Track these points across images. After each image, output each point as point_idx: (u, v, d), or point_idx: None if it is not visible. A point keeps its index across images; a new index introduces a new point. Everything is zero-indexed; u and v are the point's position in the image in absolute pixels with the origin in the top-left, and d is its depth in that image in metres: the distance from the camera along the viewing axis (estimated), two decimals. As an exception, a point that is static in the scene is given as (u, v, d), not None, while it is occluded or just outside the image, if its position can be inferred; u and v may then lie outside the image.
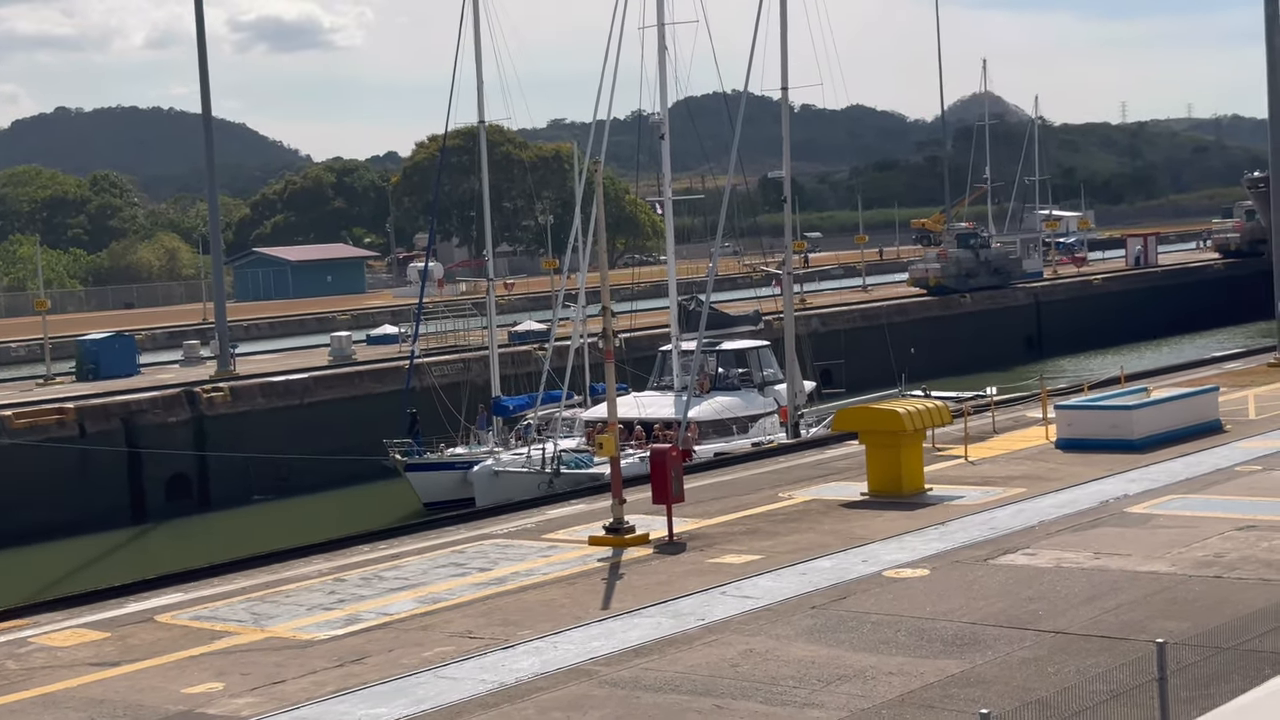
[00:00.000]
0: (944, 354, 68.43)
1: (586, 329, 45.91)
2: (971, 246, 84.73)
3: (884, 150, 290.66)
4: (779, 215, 48.60)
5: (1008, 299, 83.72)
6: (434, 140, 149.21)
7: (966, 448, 30.70)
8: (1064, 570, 20.09)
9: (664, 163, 45.32)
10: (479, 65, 47.11)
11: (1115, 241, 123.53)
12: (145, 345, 75.18)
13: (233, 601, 21.04)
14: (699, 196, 55.98)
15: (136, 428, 47.62)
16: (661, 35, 43.55)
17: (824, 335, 63.37)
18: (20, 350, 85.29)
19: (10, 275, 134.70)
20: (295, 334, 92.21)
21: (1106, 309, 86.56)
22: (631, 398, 43.62)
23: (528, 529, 25.70)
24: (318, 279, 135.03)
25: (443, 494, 41.89)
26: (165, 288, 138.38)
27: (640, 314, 54.58)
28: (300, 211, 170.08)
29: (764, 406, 44.45)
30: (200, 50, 56.80)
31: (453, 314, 66.02)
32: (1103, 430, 30.57)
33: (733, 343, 46.99)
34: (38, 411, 46.31)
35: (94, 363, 56.90)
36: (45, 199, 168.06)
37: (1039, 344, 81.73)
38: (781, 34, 43.66)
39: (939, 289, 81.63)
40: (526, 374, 50.01)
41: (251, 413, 50.65)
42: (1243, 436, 31.18)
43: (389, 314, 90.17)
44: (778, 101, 44.97)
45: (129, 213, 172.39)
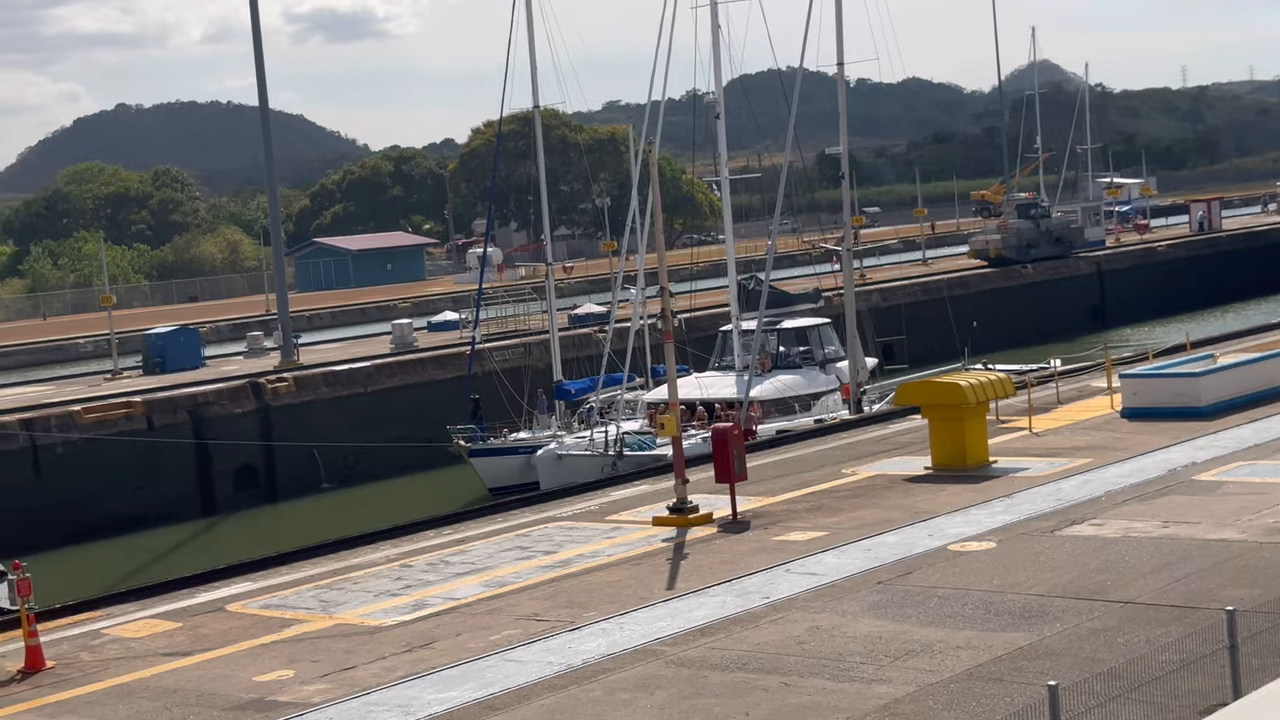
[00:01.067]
0: (1006, 326, 67.95)
1: (646, 310, 45.92)
2: (1032, 217, 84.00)
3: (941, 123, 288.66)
4: (836, 191, 48.44)
5: (1070, 269, 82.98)
6: (490, 126, 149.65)
7: (1030, 419, 30.50)
8: (1132, 540, 19.94)
9: (720, 142, 45.19)
10: (532, 50, 47.16)
11: (1178, 207, 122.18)
12: (209, 338, 75.95)
13: (301, 589, 21.24)
14: (756, 175, 55.78)
15: (203, 420, 48.09)
16: (714, 14, 43.44)
17: (884, 310, 63.14)
18: (88, 346, 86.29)
19: (76, 272, 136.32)
20: (357, 323, 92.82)
21: (1171, 276, 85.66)
22: (693, 378, 43.58)
23: (592, 511, 25.77)
24: (378, 267, 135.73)
25: (507, 479, 42.06)
26: (228, 280, 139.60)
27: (700, 294, 54.52)
28: (359, 201, 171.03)
29: (826, 384, 44.31)
30: (256, 43, 57.14)
31: (513, 299, 66.24)
32: (1169, 398, 30.28)
33: (793, 321, 46.83)
34: (106, 406, 46.85)
35: (160, 356, 57.46)
36: (108, 195, 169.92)
37: (1102, 313, 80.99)
38: (836, 9, 43.41)
39: (1000, 260, 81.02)
40: (587, 357, 50.10)
41: (316, 402, 51.02)
42: (1312, 401, 30.78)
43: (449, 301, 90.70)
44: (832, 77, 44.73)
45: (191, 207, 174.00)
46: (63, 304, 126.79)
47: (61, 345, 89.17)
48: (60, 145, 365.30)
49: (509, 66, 47.05)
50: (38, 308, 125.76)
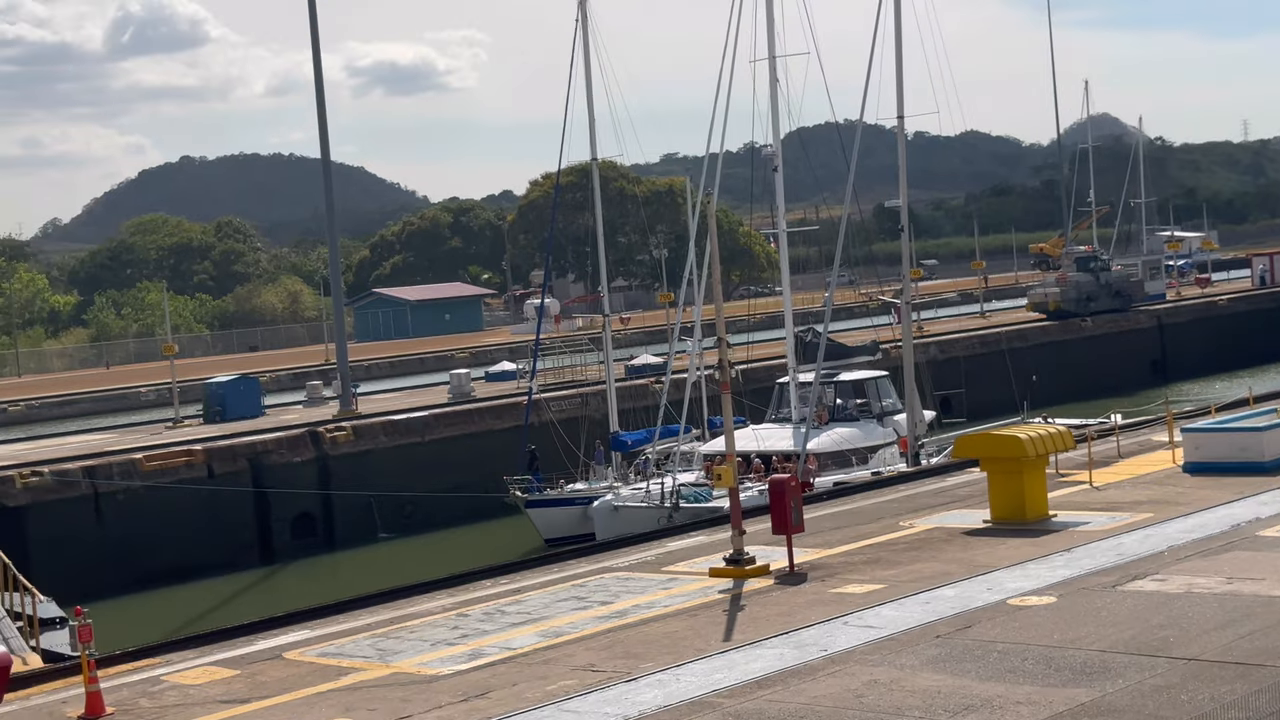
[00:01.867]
0: (1065, 380, 67.47)
1: (703, 361, 45.91)
2: (1091, 270, 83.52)
3: (999, 176, 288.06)
4: (894, 244, 48.32)
5: (1130, 322, 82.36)
6: (548, 178, 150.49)
7: (1091, 473, 30.22)
8: (1195, 596, 19.69)
9: (778, 194, 45.26)
10: (590, 103, 47.47)
11: (1240, 261, 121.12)
12: (269, 387, 76.53)
13: (358, 638, 21.27)
14: (813, 228, 55.80)
15: (263, 468, 48.40)
16: (773, 68, 43.57)
17: (942, 363, 62.84)
18: (149, 394, 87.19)
19: (139, 321, 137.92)
20: (415, 372, 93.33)
21: (1233, 330, 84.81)
22: (750, 430, 43.49)
23: (648, 561, 25.71)
24: (436, 318, 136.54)
25: (563, 530, 42.06)
26: (288, 330, 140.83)
27: (757, 345, 54.46)
28: (418, 252, 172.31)
29: (883, 437, 44.09)
30: (319, 97, 57.85)
31: (570, 349, 66.44)
32: (1232, 453, 29.92)
33: (850, 373, 46.68)
34: (167, 454, 47.25)
35: (220, 405, 57.95)
36: (171, 246, 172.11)
37: (1163, 367, 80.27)
38: (897, 62, 43.50)
39: (1059, 313, 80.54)
40: (644, 408, 50.11)
41: (374, 451, 51.26)
42: (1378, 457, 30.32)
43: (507, 351, 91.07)
44: (890, 130, 44.75)
45: (252, 257, 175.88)
46: (125, 353, 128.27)
47: (124, 394, 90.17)
48: (125, 197, 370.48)
49: (567, 119, 47.45)
50: (101, 356, 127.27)
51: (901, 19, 43.58)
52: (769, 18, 43.31)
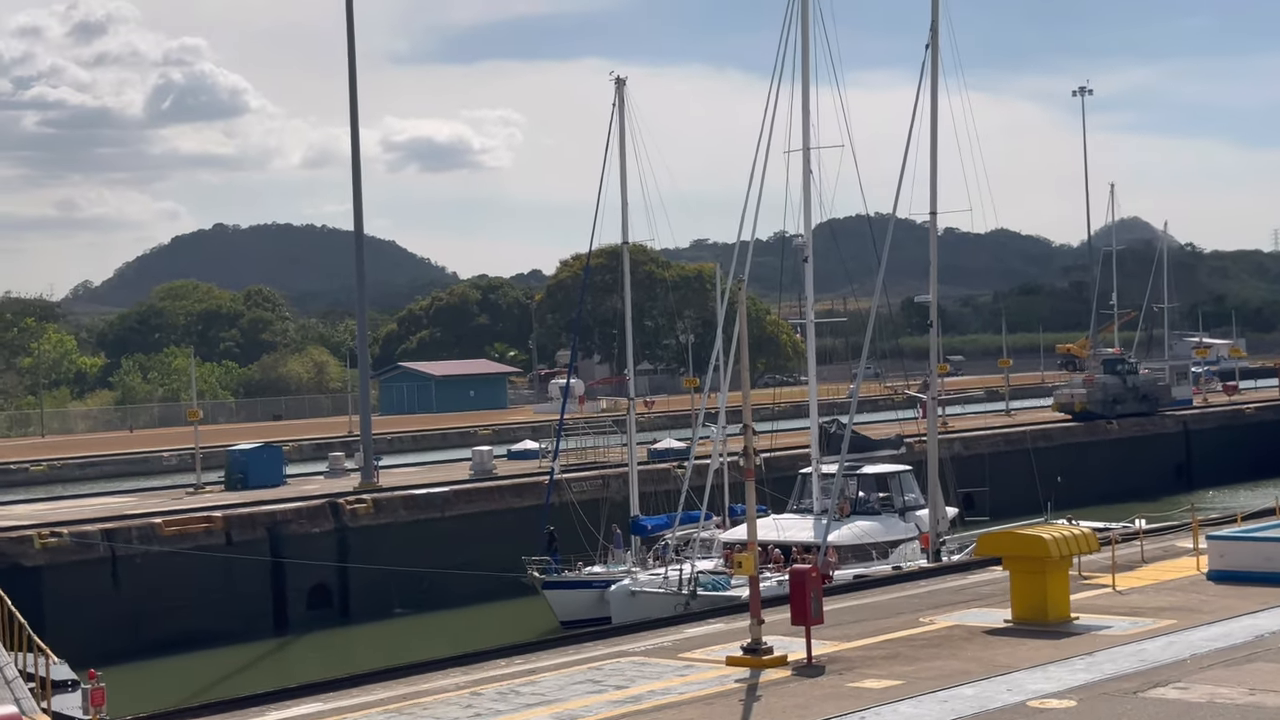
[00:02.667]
0: (1089, 482, 67.08)
1: (726, 448, 45.80)
2: (1118, 372, 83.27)
3: (1028, 275, 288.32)
4: (921, 338, 48.33)
5: (1155, 426, 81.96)
6: (577, 259, 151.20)
7: (1114, 576, 29.97)
8: (1218, 706, 19.45)
9: (807, 285, 45.31)
10: (624, 186, 47.76)
11: (1268, 370, 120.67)
12: (292, 456, 76.58)
13: (371, 712, 21.13)
14: (841, 320, 55.80)
15: (281, 537, 48.34)
16: (807, 159, 43.77)
17: (966, 459, 62.53)
18: (172, 459, 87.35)
19: (165, 386, 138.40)
20: (437, 447, 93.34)
21: (1260, 439, 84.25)
22: (771, 520, 43.28)
23: (664, 647, 25.53)
24: (460, 394, 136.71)
25: (579, 612, 41.83)
26: (313, 400, 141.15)
27: (780, 434, 54.31)
28: (445, 327, 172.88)
29: (905, 532, 43.83)
30: (355, 172, 58.33)
31: (593, 431, 66.37)
32: (1257, 562, 29.66)
33: (874, 466, 46.49)
34: (187, 519, 47.25)
35: (242, 472, 58.03)
36: (200, 312, 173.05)
37: (1188, 473, 79.74)
38: (932, 159, 43.67)
39: (1084, 414, 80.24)
40: (665, 492, 49.94)
41: (393, 525, 51.18)
42: (1405, 573, 30.00)
43: (529, 430, 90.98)
44: (921, 225, 44.88)
45: (280, 327, 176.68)
46: (149, 417, 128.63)
47: (146, 457, 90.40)
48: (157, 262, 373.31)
49: (600, 201, 47.72)
50: (125, 419, 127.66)
51: (937, 116, 43.85)
52: (805, 110, 43.62)
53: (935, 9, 43.82)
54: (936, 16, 43.75)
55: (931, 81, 43.81)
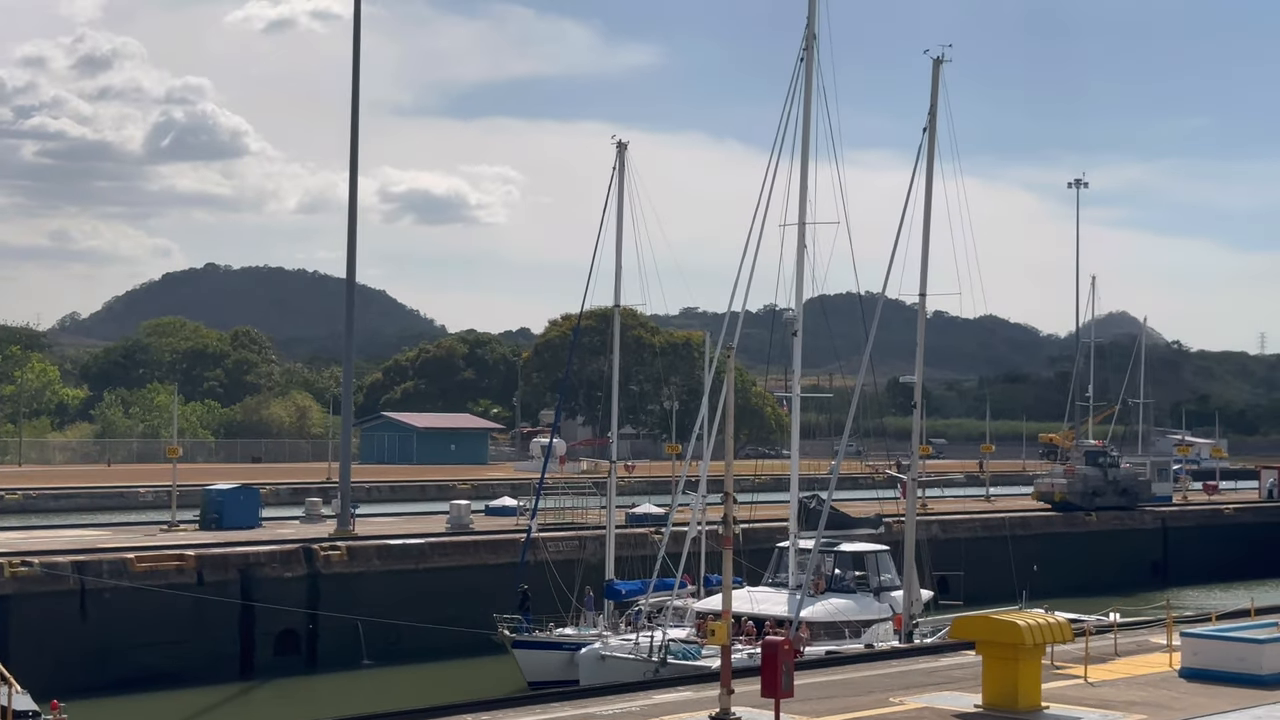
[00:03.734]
0: (1066, 572, 67.00)
1: (705, 517, 45.71)
2: (1100, 465, 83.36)
3: (1014, 362, 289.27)
4: (905, 419, 48.38)
5: (1134, 521, 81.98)
6: (567, 319, 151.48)
7: (1086, 668, 29.90)
8: (1184, 804, 19.35)
9: (795, 359, 45.39)
10: (619, 250, 47.92)
11: (1248, 472, 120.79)
12: (269, 499, 76.24)
13: (333, 761, 20.95)
14: (827, 395, 55.87)
15: (253, 580, 48.05)
16: (802, 234, 43.94)
17: (944, 542, 62.45)
18: (148, 495, 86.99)
19: (146, 422, 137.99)
20: (416, 499, 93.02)
21: (1237, 539, 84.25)
22: (745, 591, 43.13)
23: (632, 712, 25.39)
24: (442, 447, 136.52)
25: (547, 674, 41.59)
26: (293, 444, 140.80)
27: (760, 506, 54.26)
28: (431, 379, 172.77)
29: (879, 612, 43.67)
30: (350, 219, 58.45)
31: (573, 491, 66.23)
32: (1230, 662, 29.60)
33: (851, 545, 46.37)
34: (159, 556, 46.98)
35: (218, 513, 57.76)
36: (186, 350, 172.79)
37: (1164, 570, 79.68)
38: (924, 243, 43.93)
39: (1064, 505, 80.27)
40: (641, 557, 49.80)
41: (366, 574, 50.92)
42: (1377, 682, 29.95)
43: (509, 487, 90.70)
44: (911, 305, 45.09)
45: (265, 369, 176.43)
46: (128, 452, 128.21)
47: (123, 492, 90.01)
48: (146, 298, 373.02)
49: (595, 263, 47.84)
50: (104, 453, 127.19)
51: (931, 199, 44.16)
52: (803, 186, 43.84)
53: (934, 94, 44.25)
54: (935, 101, 44.18)
55: (927, 165, 44.19)
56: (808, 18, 43.87)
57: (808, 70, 43.70)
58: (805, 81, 43.82)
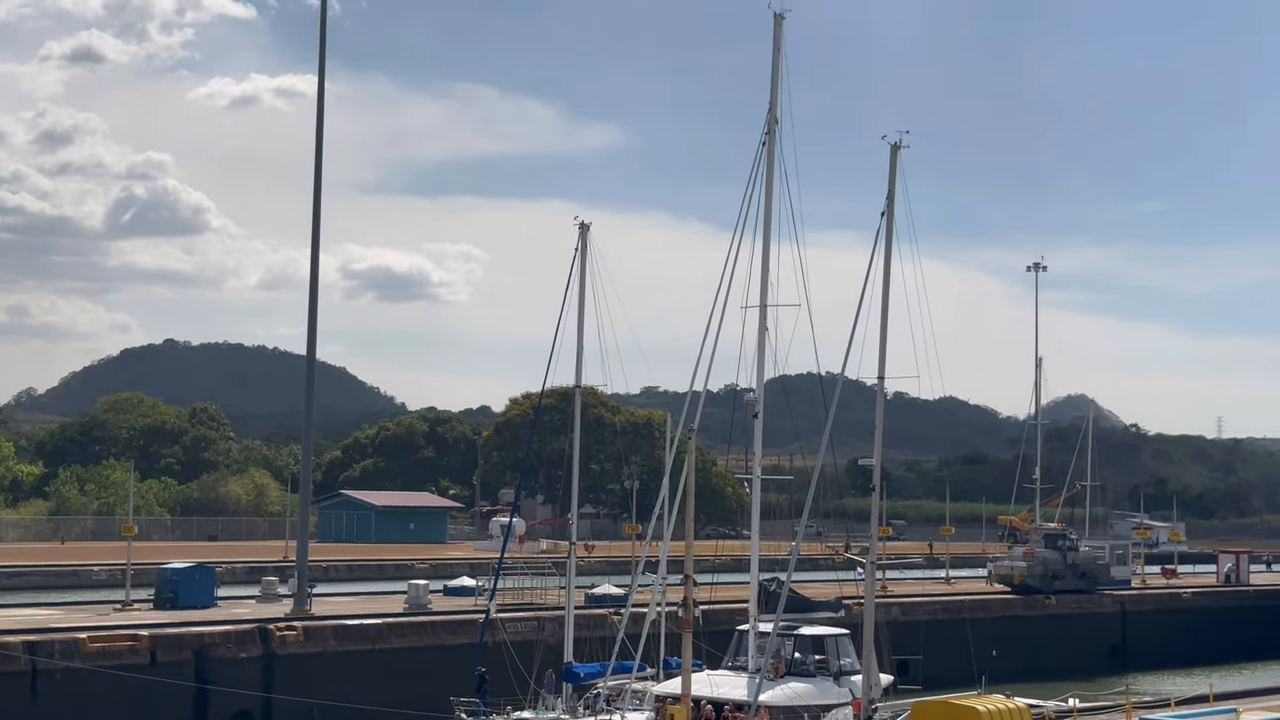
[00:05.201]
0: (1024, 656, 66.92)
1: (665, 598, 45.49)
2: (1059, 548, 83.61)
3: (974, 443, 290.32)
4: (864, 499, 48.41)
5: (1093, 604, 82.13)
6: (527, 397, 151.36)
7: (1046, 755, 29.79)
8: None
9: (756, 441, 45.41)
10: (580, 331, 47.91)
11: (1206, 556, 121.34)
12: (225, 578, 75.58)
13: None
14: (787, 477, 55.88)
15: (207, 660, 47.54)
16: (763, 317, 44.11)
17: (903, 625, 62.33)
18: (101, 574, 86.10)
19: (101, 499, 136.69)
20: (374, 578, 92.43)
21: (1196, 624, 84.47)
22: (705, 675, 42.85)
23: (590, 800, 25.12)
24: (400, 526, 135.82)
25: (505, 758, 41.16)
26: (250, 522, 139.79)
27: (720, 588, 54.08)
28: (390, 457, 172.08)
29: (838, 697, 43.41)
30: (311, 299, 58.42)
31: (532, 571, 65.89)
32: (1189, 749, 29.59)
33: (811, 628, 46.20)
34: (112, 636, 46.45)
35: (173, 591, 57.25)
36: (144, 427, 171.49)
37: (1123, 654, 79.71)
38: (882, 324, 44.03)
39: (1023, 588, 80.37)
40: (600, 639, 49.48)
41: (323, 654, 50.46)
42: (1335, 769, 29.99)
43: (468, 566, 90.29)
44: (871, 387, 45.15)
45: (223, 446, 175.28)
46: (82, 529, 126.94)
47: (76, 570, 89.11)
48: (104, 373, 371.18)
49: (556, 343, 47.84)
50: (58, 530, 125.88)
51: (889, 282, 44.38)
52: (764, 270, 44.04)
53: (892, 179, 44.55)
54: (893, 186, 44.47)
55: (885, 249, 44.42)
56: (770, 102, 44.31)
57: (769, 154, 44.08)
58: (767, 165, 44.19)
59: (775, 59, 44.08)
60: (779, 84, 44.15)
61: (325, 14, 60.45)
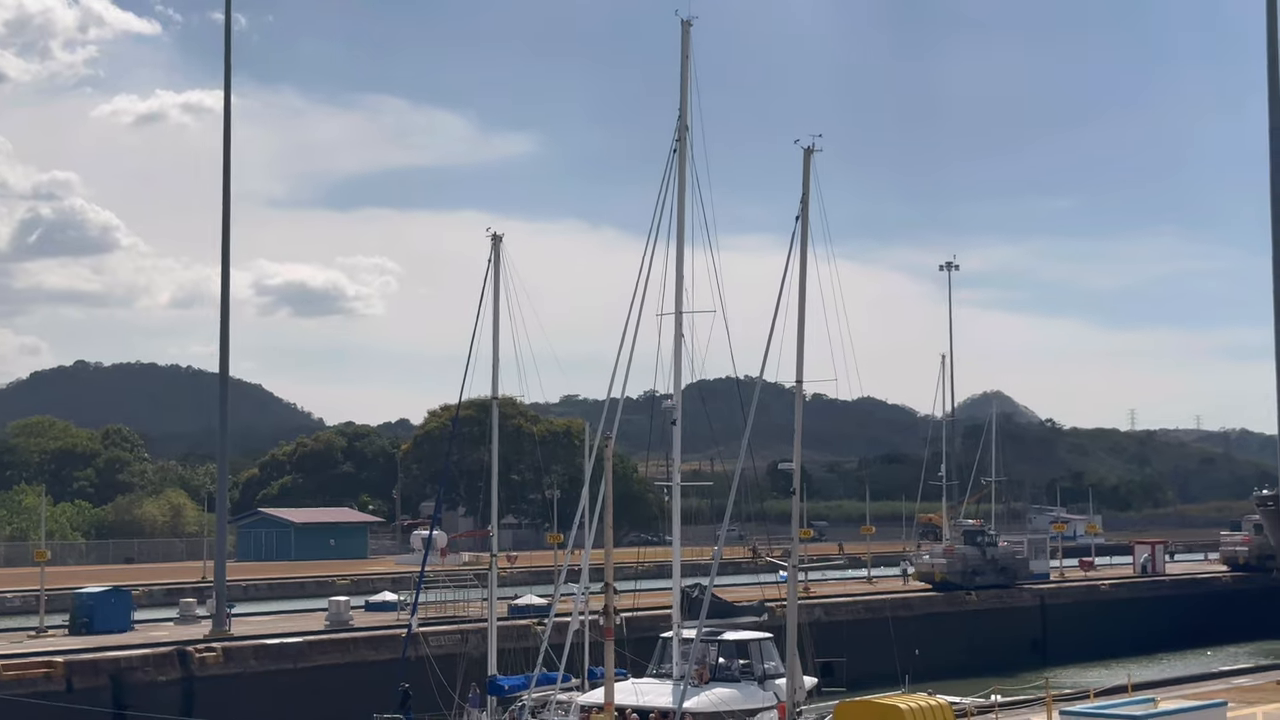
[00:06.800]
0: (948, 653, 67.45)
1: (588, 607, 45.38)
2: (979, 544, 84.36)
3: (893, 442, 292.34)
4: (786, 502, 48.47)
5: (1014, 599, 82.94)
6: (446, 409, 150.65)
7: (970, 751, 29.98)
8: None
9: (675, 448, 45.40)
10: (495, 342, 47.77)
11: (1122, 547, 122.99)
12: (142, 601, 74.57)
13: None
14: (708, 484, 55.94)
15: (125, 685, 46.87)
16: (679, 323, 44.10)
17: (826, 626, 62.62)
18: (15, 600, 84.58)
19: (13, 525, 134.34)
20: (294, 596, 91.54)
21: (1114, 615, 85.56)
22: (630, 684, 42.77)
23: (516, 813, 24.95)
24: (320, 542, 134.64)
25: (431, 773, 40.86)
26: (167, 544, 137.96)
27: (643, 594, 54.03)
28: (308, 474, 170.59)
29: (763, 701, 43.48)
30: (223, 316, 57.82)
31: (454, 584, 65.54)
32: (1109, 740, 29.87)
33: (735, 633, 46.25)
34: (25, 664, 45.67)
35: (88, 616, 56.43)
36: (55, 450, 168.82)
37: (1043, 647, 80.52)
38: (799, 331, 44.14)
39: (944, 585, 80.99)
40: (524, 649, 49.27)
41: (243, 675, 49.89)
42: (1253, 754, 30.43)
43: (389, 581, 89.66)
44: (790, 388, 45.29)
45: (138, 468, 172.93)
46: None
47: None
48: (14, 397, 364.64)
49: (471, 355, 47.62)
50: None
51: (805, 286, 44.52)
52: (679, 278, 44.02)
53: (805, 183, 44.70)
54: (807, 190, 44.63)
55: (801, 253, 44.51)
56: (680, 108, 44.33)
57: (680, 161, 44.10)
58: (679, 172, 44.20)
59: (684, 65, 44.11)
60: (688, 90, 44.19)
61: (230, 28, 59.97)
